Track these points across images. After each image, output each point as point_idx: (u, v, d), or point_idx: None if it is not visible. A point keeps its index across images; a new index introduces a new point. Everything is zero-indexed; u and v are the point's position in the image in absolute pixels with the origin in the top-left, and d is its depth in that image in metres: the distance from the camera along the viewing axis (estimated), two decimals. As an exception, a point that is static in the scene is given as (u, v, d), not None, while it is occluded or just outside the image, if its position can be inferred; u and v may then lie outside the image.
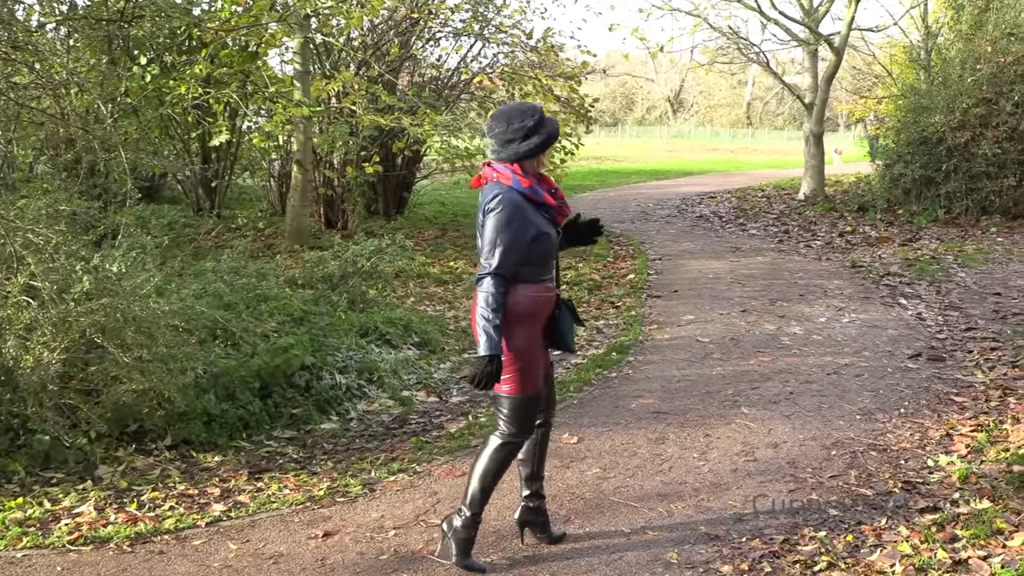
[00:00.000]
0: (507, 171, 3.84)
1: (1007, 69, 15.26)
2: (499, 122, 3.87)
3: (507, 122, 3.85)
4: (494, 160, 3.89)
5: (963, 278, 10.78)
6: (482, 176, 3.90)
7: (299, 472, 5.18)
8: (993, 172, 15.19)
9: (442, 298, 9.76)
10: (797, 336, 8.17)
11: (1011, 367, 6.97)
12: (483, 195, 3.84)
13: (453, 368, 7.39)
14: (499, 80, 15.32)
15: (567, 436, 5.61)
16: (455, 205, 18.45)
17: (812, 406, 6.19)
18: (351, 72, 13.43)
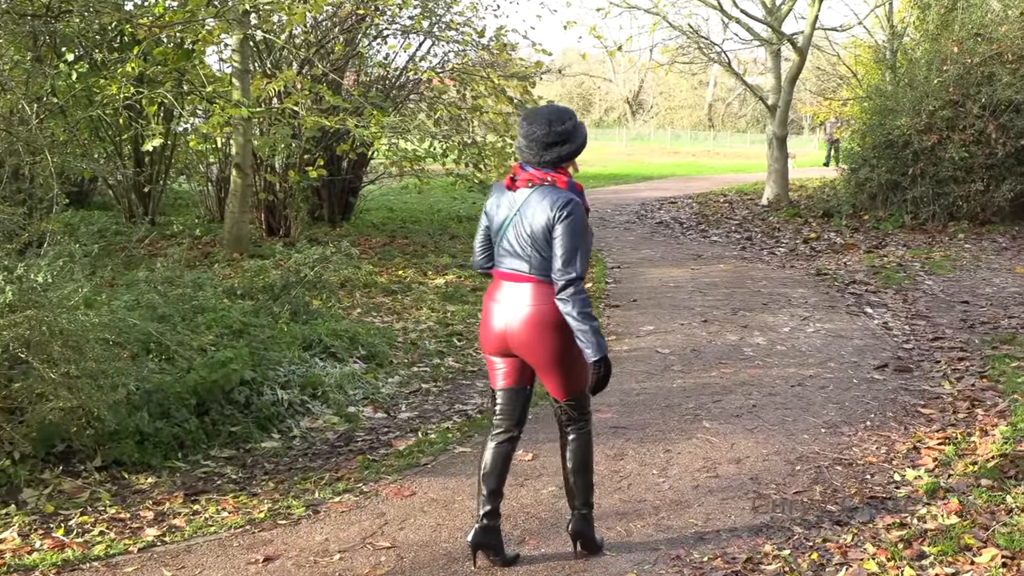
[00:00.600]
0: (559, 175, 4.02)
1: (974, 70, 15.55)
2: (539, 125, 4.00)
3: (548, 124, 4.00)
4: (533, 163, 4.03)
5: (930, 286, 10.96)
6: (522, 179, 4.03)
7: (238, 494, 5.14)
8: (960, 176, 15.46)
9: (390, 309, 9.74)
10: (760, 347, 8.25)
11: (979, 377, 7.10)
12: (536, 199, 3.97)
13: (402, 382, 7.38)
14: (450, 80, 15.33)
15: (521, 453, 5.62)
16: (404, 211, 18.42)
17: (776, 419, 6.26)
18: (293, 71, 13.38)
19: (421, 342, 8.46)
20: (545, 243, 3.94)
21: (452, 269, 11.88)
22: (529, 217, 3.97)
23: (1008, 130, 15.17)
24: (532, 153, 4.02)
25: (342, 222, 15.59)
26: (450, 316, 9.49)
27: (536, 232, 3.95)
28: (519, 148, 4.08)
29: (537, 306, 3.98)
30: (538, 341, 3.99)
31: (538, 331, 3.99)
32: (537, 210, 3.95)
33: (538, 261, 3.97)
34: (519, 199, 4.02)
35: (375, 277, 11.02)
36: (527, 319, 3.99)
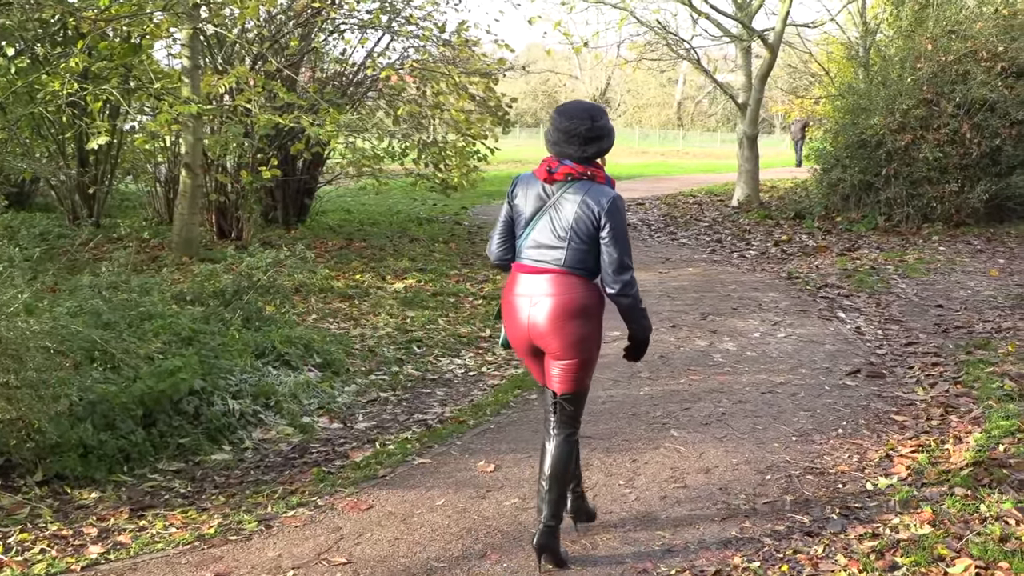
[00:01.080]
0: (598, 170, 4.24)
1: (948, 68, 15.74)
2: (582, 119, 4.18)
3: (591, 119, 4.19)
4: (573, 156, 4.19)
5: (904, 289, 11.07)
6: (560, 172, 4.19)
7: (187, 508, 5.11)
8: (935, 177, 15.64)
9: (347, 314, 9.71)
10: (730, 353, 8.31)
11: (953, 383, 7.18)
12: (575, 192, 4.15)
13: (359, 391, 7.36)
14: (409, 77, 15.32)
15: (483, 463, 5.62)
16: (362, 213, 18.38)
17: (746, 428, 6.30)
18: (246, 67, 13.31)
19: (379, 349, 8.45)
20: (584, 236, 4.13)
21: (412, 273, 11.87)
22: (567, 210, 4.15)
23: (983, 130, 15.37)
24: (573, 148, 4.18)
25: (297, 224, 15.53)
26: (409, 322, 9.48)
27: (578, 225, 4.13)
28: (555, 142, 4.22)
29: (565, 295, 4.15)
30: (558, 329, 4.16)
31: (564, 319, 4.15)
32: (579, 204, 4.13)
33: (573, 254, 4.15)
34: (555, 191, 4.19)
35: (331, 281, 10.98)
36: (555, 307, 4.16)
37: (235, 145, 12.97)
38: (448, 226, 16.99)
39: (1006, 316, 9.49)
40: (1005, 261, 13.05)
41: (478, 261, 13.21)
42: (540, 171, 4.22)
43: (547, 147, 4.28)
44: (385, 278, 11.55)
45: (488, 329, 9.34)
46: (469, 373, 7.96)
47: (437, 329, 9.28)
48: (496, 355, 8.47)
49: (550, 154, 4.27)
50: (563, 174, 4.18)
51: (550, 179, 4.20)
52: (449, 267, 12.51)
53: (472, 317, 9.82)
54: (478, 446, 5.98)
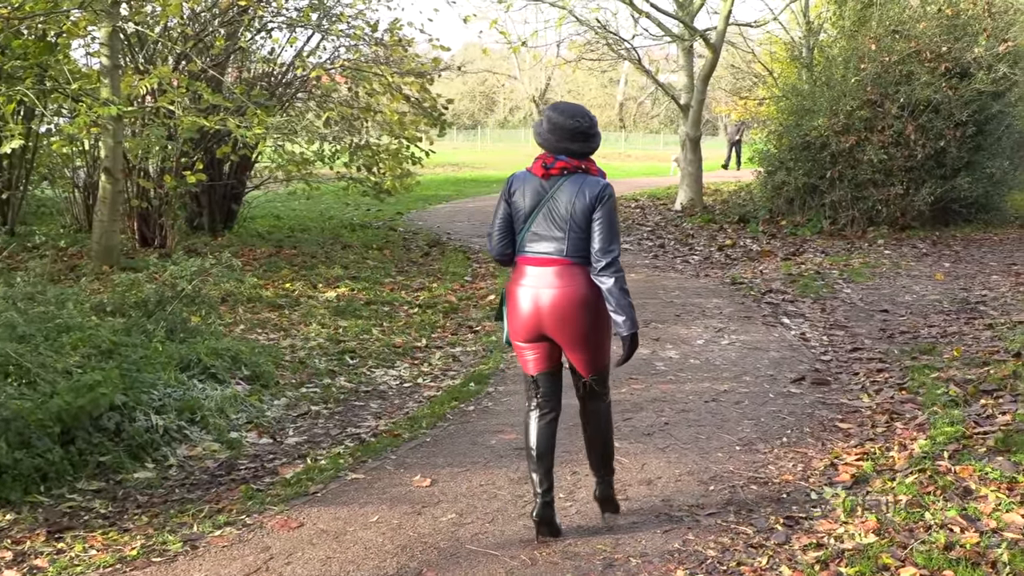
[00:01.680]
0: (591, 163, 4.68)
1: (892, 69, 16.02)
2: (583, 117, 4.63)
3: (589, 117, 4.64)
4: (574, 152, 4.61)
5: (849, 294, 11.25)
6: (556, 167, 4.60)
7: (108, 529, 5.05)
8: (879, 179, 15.92)
9: (277, 325, 9.65)
10: (673, 361, 8.38)
11: (898, 389, 7.31)
12: (571, 185, 4.58)
13: (289, 404, 7.32)
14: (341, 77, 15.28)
15: (419, 478, 5.62)
16: (292, 218, 18.28)
17: (689, 437, 6.36)
18: (168, 67, 13.19)
19: (310, 360, 8.41)
20: (583, 225, 4.54)
21: (344, 281, 11.82)
22: (566, 202, 4.55)
23: (927, 131, 15.67)
24: (577, 144, 4.61)
25: (224, 231, 15.42)
26: (342, 332, 9.45)
27: (577, 215, 4.54)
28: (555, 139, 4.62)
29: (570, 286, 4.56)
30: (571, 319, 4.58)
31: (572, 310, 4.56)
32: (576, 194, 4.55)
33: (573, 243, 4.56)
34: (552, 185, 4.60)
35: (260, 291, 10.92)
36: (561, 299, 4.56)
37: (158, 148, 12.84)
38: (382, 232, 16.95)
39: (951, 321, 9.68)
40: (951, 264, 13.31)
41: (413, 268, 13.21)
42: (536, 168, 4.63)
43: (541, 144, 4.67)
44: (316, 287, 11.50)
45: (424, 339, 9.34)
46: (404, 385, 7.95)
47: (371, 339, 9.26)
48: (432, 365, 8.47)
49: (543, 151, 4.66)
50: (559, 168, 4.59)
51: (547, 174, 4.60)
52: (383, 275, 12.49)
53: (407, 326, 9.81)
54: (414, 460, 5.98)
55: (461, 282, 12.30)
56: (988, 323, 9.38)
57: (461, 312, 10.60)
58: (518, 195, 4.66)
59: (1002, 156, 16.77)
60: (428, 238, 16.42)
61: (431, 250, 14.99)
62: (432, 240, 16.16)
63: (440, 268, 13.29)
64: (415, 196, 21.93)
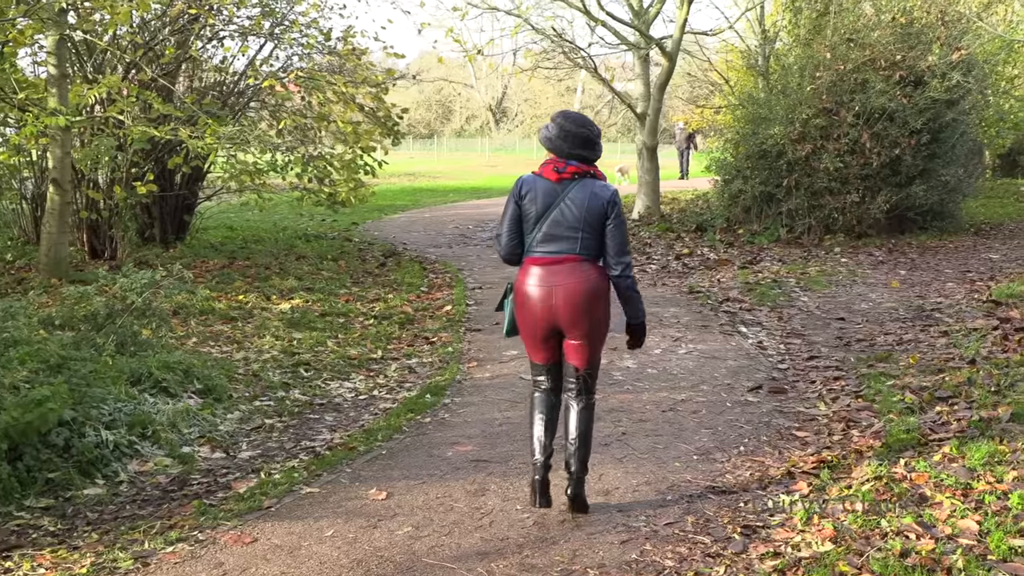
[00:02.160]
0: (596, 168, 5.12)
1: (847, 77, 16.20)
2: (591, 126, 5.09)
3: (596, 128, 5.11)
4: (584, 157, 5.07)
5: (806, 303, 11.36)
6: (568, 171, 5.03)
7: (57, 547, 5.00)
8: (835, 188, 16.09)
9: (230, 337, 9.60)
10: (630, 370, 8.43)
11: (854, 397, 7.39)
12: (582, 188, 5.02)
13: (242, 418, 7.29)
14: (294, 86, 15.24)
15: (374, 491, 5.61)
16: (246, 229, 18.19)
17: (646, 447, 6.40)
18: (118, 76, 13.11)
19: (264, 373, 8.37)
20: (595, 225, 4.99)
21: (299, 293, 11.78)
22: (579, 203, 4.98)
23: (882, 139, 15.85)
24: (587, 150, 5.07)
25: (176, 242, 15.30)
26: (296, 344, 9.41)
27: (590, 216, 4.98)
28: (567, 145, 5.05)
29: (583, 279, 4.98)
30: (585, 312, 5.01)
31: (587, 303, 5.00)
32: (587, 197, 4.99)
33: (585, 243, 5.00)
34: (563, 189, 5.01)
35: (212, 303, 10.85)
36: (575, 290, 4.98)
37: (107, 159, 12.74)
38: (337, 243, 16.91)
39: (907, 328, 9.79)
40: (906, 272, 13.47)
41: (369, 279, 13.18)
42: (547, 171, 5.05)
43: (550, 148, 5.09)
44: (270, 298, 11.45)
45: (380, 351, 9.33)
46: (360, 397, 7.94)
47: (326, 351, 9.24)
48: (388, 377, 8.46)
49: (552, 156, 5.09)
50: (571, 172, 5.03)
51: (560, 178, 5.02)
52: (338, 286, 12.46)
53: (363, 338, 9.80)
54: (369, 473, 5.97)
55: (417, 293, 12.29)
56: (943, 330, 9.51)
57: (417, 323, 10.60)
58: (529, 198, 5.04)
59: (956, 164, 16.99)
60: (384, 249, 16.40)
61: (387, 261, 14.98)
62: (388, 251, 16.15)
63: (396, 279, 13.28)
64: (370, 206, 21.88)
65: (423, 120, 79.84)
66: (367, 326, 10.37)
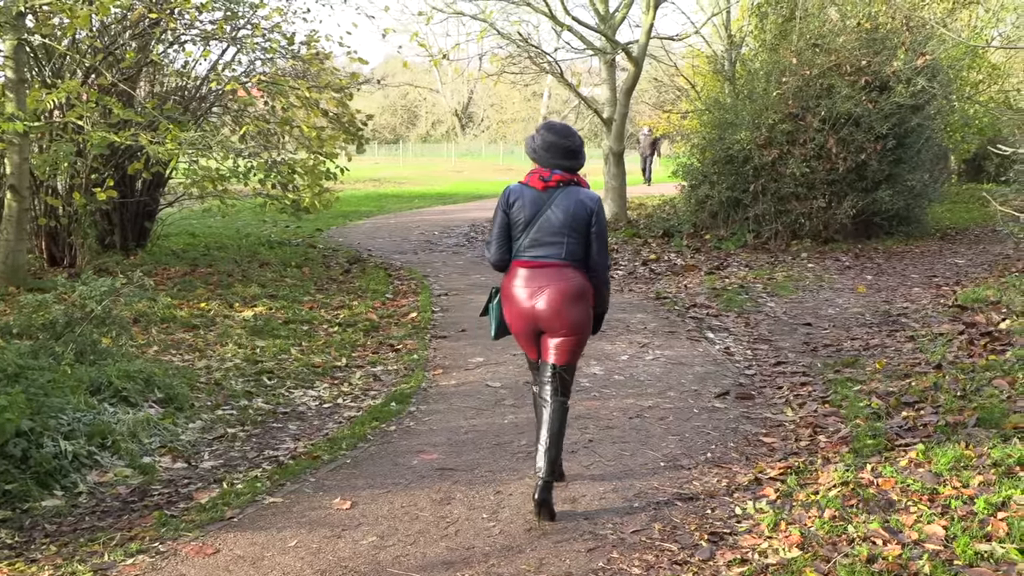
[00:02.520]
0: (580, 176, 5.41)
1: (812, 82, 16.32)
2: (573, 136, 5.40)
3: (578, 138, 5.40)
4: (566, 167, 5.35)
5: (772, 308, 11.42)
6: (553, 179, 5.33)
7: (14, 560, 4.94)
8: (802, 193, 16.20)
9: (191, 346, 9.54)
10: (597, 377, 8.44)
11: (821, 403, 7.43)
12: (567, 196, 5.32)
13: (204, 427, 7.24)
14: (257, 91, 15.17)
15: (339, 501, 5.59)
16: (208, 236, 18.09)
17: (612, 454, 6.41)
18: (77, 80, 13.00)
19: (226, 382, 8.33)
20: (580, 231, 5.29)
21: (262, 300, 11.73)
22: (564, 210, 5.28)
23: (848, 144, 15.98)
24: (568, 160, 5.35)
25: (136, 250, 15.20)
26: (259, 352, 9.37)
27: (575, 222, 5.27)
28: (549, 155, 5.35)
29: (567, 283, 5.28)
30: (567, 312, 5.28)
31: (569, 303, 5.28)
32: (573, 204, 5.30)
33: (571, 246, 5.30)
34: (549, 197, 5.32)
35: (174, 311, 10.79)
36: (559, 293, 5.27)
37: (66, 165, 12.64)
38: (301, 250, 16.85)
39: (873, 333, 9.87)
40: (873, 277, 13.57)
41: (333, 286, 13.14)
42: (534, 180, 5.35)
43: (534, 159, 5.40)
44: (233, 306, 11.39)
45: (344, 358, 9.29)
46: (324, 405, 7.90)
47: (289, 359, 9.20)
48: (353, 385, 8.43)
49: (537, 165, 5.38)
50: (556, 181, 5.32)
51: (545, 186, 5.32)
52: (302, 293, 12.41)
53: (327, 346, 9.76)
54: (333, 483, 5.94)
55: (382, 300, 12.26)
56: (909, 335, 9.58)
57: (382, 330, 10.57)
58: (517, 206, 5.35)
59: (922, 169, 17.15)
60: (348, 255, 16.35)
61: (351, 267, 14.94)
62: (352, 257, 16.11)
63: (360, 286, 13.24)
64: (335, 212, 21.84)
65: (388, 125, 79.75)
66: (331, 333, 10.33)
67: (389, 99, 78.33)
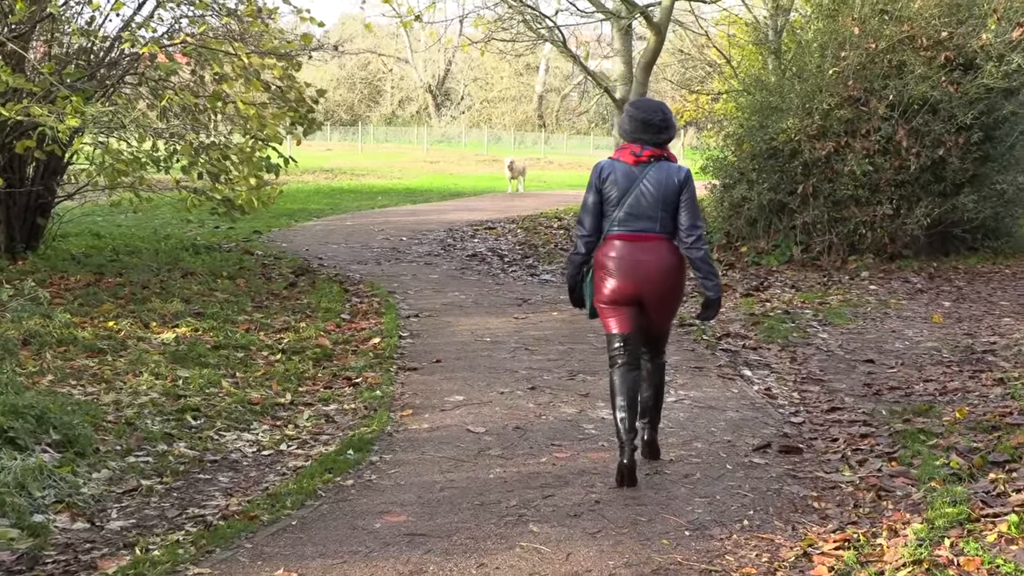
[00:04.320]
0: (669, 151, 6.98)
1: (879, 58, 16.30)
2: (656, 112, 6.93)
3: (663, 112, 6.92)
4: (652, 142, 6.85)
5: (825, 340, 11.45)
6: (645, 155, 6.84)
7: None
8: (863, 196, 16.17)
9: (96, 375, 9.53)
10: (606, 423, 8.44)
11: (887, 460, 7.43)
12: (659, 170, 6.84)
13: (112, 478, 7.22)
14: (182, 56, 15.17)
15: (282, 572, 5.59)
16: (118, 237, 18.08)
17: (626, 520, 6.41)
18: (-43, 39, 13.00)
19: (140, 421, 8.31)
20: (672, 204, 6.82)
21: (186, 319, 11.71)
22: (655, 184, 6.80)
23: (923, 137, 15.95)
24: (650, 135, 6.83)
25: (26, 253, 15.19)
26: (182, 385, 9.35)
27: (667, 195, 6.81)
28: (634, 131, 6.88)
29: (665, 256, 6.87)
30: (669, 284, 6.93)
31: (671, 276, 6.90)
32: (664, 178, 6.82)
33: (665, 220, 6.82)
34: (641, 171, 6.83)
35: (74, 330, 10.77)
36: (658, 266, 6.85)
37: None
38: (235, 256, 16.85)
39: (952, 374, 9.90)
40: (951, 304, 13.62)
41: (275, 303, 13.14)
42: (624, 155, 6.88)
43: (623, 136, 6.99)
44: (149, 326, 11.38)
45: (289, 393, 9.29)
46: (263, 452, 7.90)
47: (220, 394, 9.19)
48: (299, 428, 8.43)
49: (626, 142, 6.95)
50: (647, 156, 6.83)
51: (637, 161, 6.83)
52: (236, 311, 12.40)
53: (267, 377, 9.76)
54: (275, 550, 5.94)
55: (336, 321, 12.26)
56: (998, 377, 9.61)
57: (337, 359, 10.57)
58: (610, 181, 6.86)
59: (1016, 169, 17.09)
60: (294, 264, 16.35)
61: (298, 280, 14.94)
62: (299, 267, 16.10)
63: (310, 303, 13.24)
64: (277, 211, 21.85)
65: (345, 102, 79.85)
66: (273, 362, 10.34)
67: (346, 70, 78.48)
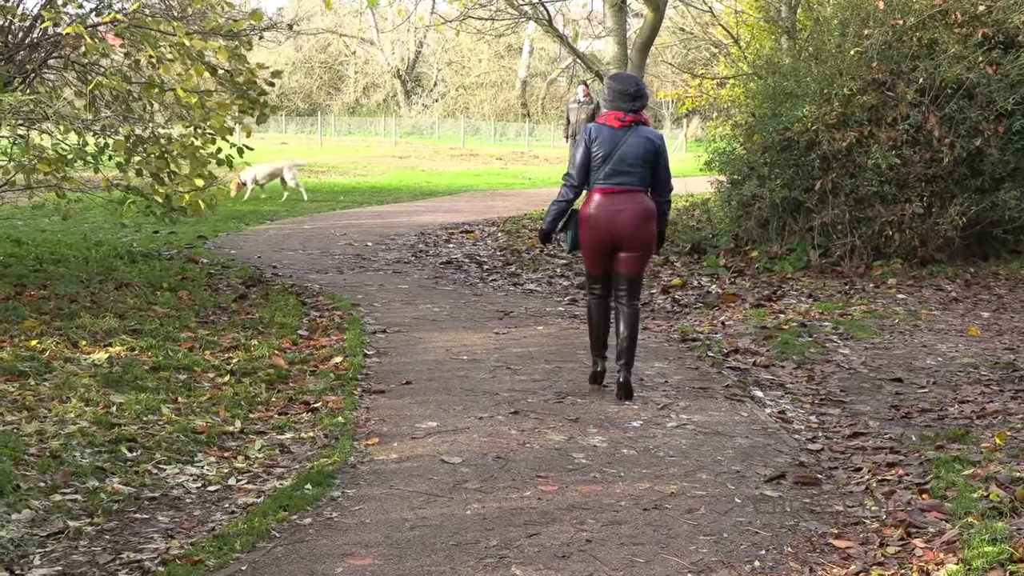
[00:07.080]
0: (644, 116, 9.55)
1: (907, 36, 16.30)
2: (632, 81, 9.70)
3: (636, 84, 9.55)
4: (628, 109, 9.43)
5: (847, 356, 11.47)
6: (626, 120, 9.39)
7: None
8: (890, 193, 16.16)
9: (17, 401, 9.51)
10: (598, 451, 8.45)
11: (918, 492, 7.44)
12: (637, 134, 9.41)
13: (34, 519, 7.20)
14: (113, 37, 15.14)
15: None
16: (41, 244, 18.04)
17: (620, 561, 6.42)
18: None
19: (68, 454, 8.29)
20: (649, 162, 9.38)
21: (120, 337, 11.68)
22: (636, 146, 9.36)
23: (957, 125, 15.95)
24: (634, 103, 9.39)
25: (-64, 262, 15.16)
26: (116, 412, 9.33)
27: (647, 155, 9.38)
28: (611, 100, 9.50)
29: (643, 205, 9.44)
30: (644, 229, 9.44)
31: (643, 222, 9.42)
32: (643, 140, 9.38)
33: (644, 175, 9.40)
34: (623, 134, 9.35)
35: (-8, 351, 10.76)
36: (640, 214, 9.41)
37: None
38: (176, 265, 16.81)
39: (992, 394, 9.92)
40: (990, 315, 13.65)
41: (223, 318, 13.11)
42: (610, 120, 9.40)
43: (605, 105, 9.61)
44: (78, 345, 11.36)
45: (238, 420, 9.28)
46: (208, 488, 7.89)
47: (159, 422, 9.18)
48: (251, 460, 8.42)
49: (608, 110, 9.49)
50: (628, 121, 9.36)
51: (620, 125, 9.34)
52: (178, 327, 12.37)
53: (214, 403, 9.74)
54: (222, 598, 5.94)
55: (293, 338, 12.25)
56: (1043, 397, 9.64)
57: (293, 381, 10.56)
58: (597, 142, 9.35)
59: (1063, 161, 17.14)
60: (244, 274, 16.32)
61: (249, 291, 14.91)
62: (250, 277, 16.07)
63: (262, 318, 13.21)
64: (224, 213, 21.82)
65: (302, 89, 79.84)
66: (220, 385, 10.32)
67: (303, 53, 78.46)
